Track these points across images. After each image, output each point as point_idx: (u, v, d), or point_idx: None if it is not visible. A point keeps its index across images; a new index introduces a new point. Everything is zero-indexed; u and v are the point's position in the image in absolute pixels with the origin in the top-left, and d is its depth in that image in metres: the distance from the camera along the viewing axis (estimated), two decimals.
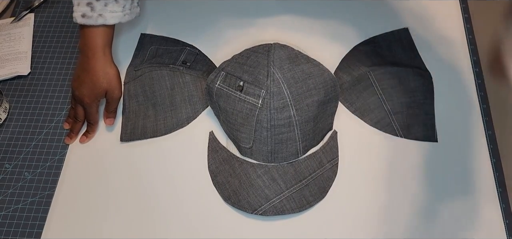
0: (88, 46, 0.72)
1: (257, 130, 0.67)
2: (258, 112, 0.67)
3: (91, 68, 0.72)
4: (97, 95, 0.73)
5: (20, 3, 0.93)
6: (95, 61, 0.72)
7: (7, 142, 0.76)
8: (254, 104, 0.67)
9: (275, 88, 0.67)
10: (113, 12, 0.71)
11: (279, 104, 0.66)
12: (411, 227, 0.66)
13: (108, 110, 0.75)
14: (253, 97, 0.67)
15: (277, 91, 0.67)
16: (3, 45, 0.86)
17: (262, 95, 0.67)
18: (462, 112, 0.75)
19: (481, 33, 0.84)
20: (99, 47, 0.72)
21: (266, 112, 0.66)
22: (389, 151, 0.72)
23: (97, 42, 0.72)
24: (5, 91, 0.81)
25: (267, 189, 0.67)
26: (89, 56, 0.72)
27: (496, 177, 0.69)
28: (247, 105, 0.68)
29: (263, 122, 0.67)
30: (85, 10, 0.70)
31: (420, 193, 0.68)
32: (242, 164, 0.69)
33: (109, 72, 0.73)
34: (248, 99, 0.68)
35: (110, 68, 0.74)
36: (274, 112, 0.66)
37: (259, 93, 0.67)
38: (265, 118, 0.67)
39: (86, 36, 0.72)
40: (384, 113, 0.74)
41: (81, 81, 0.73)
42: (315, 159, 0.70)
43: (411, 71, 0.76)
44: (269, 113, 0.66)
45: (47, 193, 0.71)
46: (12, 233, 0.68)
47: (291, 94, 0.67)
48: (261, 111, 0.67)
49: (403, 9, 0.86)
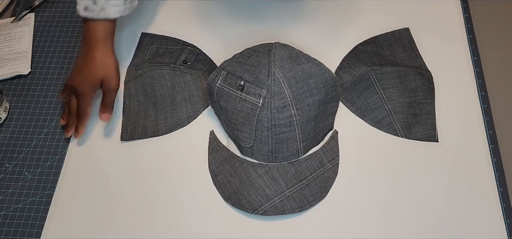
0: (89, 38, 0.73)
1: (258, 129, 0.67)
2: (259, 112, 0.67)
3: (90, 57, 0.72)
4: (92, 83, 0.72)
5: (21, 3, 0.93)
6: (94, 51, 0.72)
7: (7, 141, 0.76)
8: (255, 103, 0.67)
9: (276, 87, 0.67)
10: (115, 6, 0.72)
11: (280, 104, 0.66)
12: (412, 227, 0.66)
13: (104, 103, 0.74)
14: (254, 96, 0.67)
15: (278, 91, 0.66)
16: (3, 45, 0.86)
17: (263, 94, 0.67)
18: (463, 112, 0.75)
19: (481, 33, 0.84)
20: (100, 38, 0.72)
21: (267, 112, 0.66)
22: (389, 151, 0.72)
23: (98, 33, 0.72)
24: (5, 91, 0.81)
25: (267, 189, 0.67)
26: (90, 46, 0.73)
27: (497, 177, 0.69)
28: (248, 104, 0.68)
29: (264, 121, 0.67)
30: (88, 4, 0.71)
31: (421, 193, 0.68)
32: (243, 163, 0.69)
33: (107, 62, 0.73)
34: (249, 98, 0.67)
35: (109, 58, 0.74)
36: (275, 112, 0.66)
37: (260, 93, 0.67)
38: (265, 117, 0.67)
39: (88, 28, 0.73)
40: (385, 113, 0.74)
41: (78, 71, 0.73)
42: (315, 158, 0.70)
43: (412, 71, 0.76)
44: (270, 113, 0.66)
45: (47, 193, 0.71)
46: (12, 233, 0.68)
47: (292, 94, 0.67)
48: (262, 111, 0.67)
49: (404, 9, 0.86)
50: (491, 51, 0.82)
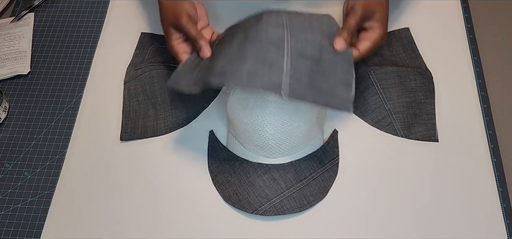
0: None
1: (240, 42, 0.59)
2: (248, 25, 0.62)
3: (159, 5, 0.70)
4: (167, 33, 0.69)
5: (20, 3, 0.93)
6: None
7: (6, 141, 0.76)
8: (248, 20, 0.63)
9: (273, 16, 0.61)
10: None
11: (273, 22, 0.59)
12: (412, 227, 0.66)
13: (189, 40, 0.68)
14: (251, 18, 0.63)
15: (275, 15, 0.61)
16: (3, 45, 0.86)
17: (259, 16, 0.62)
18: (463, 112, 0.75)
19: (482, 33, 0.84)
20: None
21: (256, 26, 0.60)
22: (389, 151, 0.72)
23: None
24: (5, 90, 0.81)
25: (267, 189, 0.67)
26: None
27: (497, 177, 0.69)
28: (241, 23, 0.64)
29: (251, 34, 0.58)
30: None
31: (421, 193, 0.68)
32: (242, 163, 0.69)
33: (169, 3, 0.68)
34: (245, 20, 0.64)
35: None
36: (265, 26, 0.59)
37: (256, 16, 0.63)
38: (253, 31, 0.59)
39: None
40: (385, 113, 0.74)
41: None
42: (315, 158, 0.70)
43: (412, 71, 0.76)
44: (259, 26, 0.59)
45: (47, 192, 0.71)
46: (11, 233, 0.68)
47: (290, 22, 0.60)
48: (252, 24, 0.61)
49: (404, 8, 0.86)
50: (491, 51, 0.82)
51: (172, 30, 0.68)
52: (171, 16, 0.67)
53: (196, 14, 0.70)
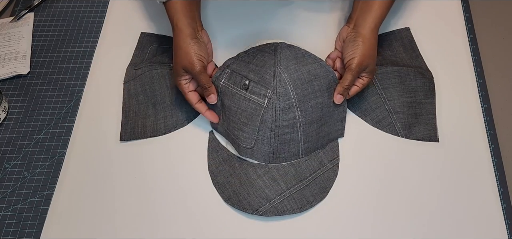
0: (170, 22, 0.71)
1: (261, 130, 0.67)
2: (263, 112, 0.67)
3: (173, 48, 0.71)
4: (178, 75, 0.70)
5: (20, 3, 0.92)
6: (173, 40, 0.71)
7: (6, 141, 0.76)
8: (259, 104, 0.67)
9: (281, 89, 0.66)
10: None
11: (285, 105, 0.66)
12: (412, 227, 0.65)
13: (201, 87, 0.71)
14: (259, 96, 0.67)
15: (283, 92, 0.66)
16: (2, 45, 0.86)
17: (268, 95, 0.67)
18: (464, 112, 0.74)
19: (482, 33, 0.84)
20: (174, 22, 0.70)
21: (272, 113, 0.66)
22: (390, 151, 0.71)
23: (171, 16, 0.71)
24: (4, 90, 0.81)
25: (267, 189, 0.67)
26: (173, 34, 0.71)
27: (498, 177, 0.69)
28: (252, 104, 0.67)
29: (268, 122, 0.66)
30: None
31: (421, 193, 0.68)
32: (243, 164, 0.69)
33: (184, 49, 0.69)
34: (254, 98, 0.67)
35: (185, 43, 0.69)
36: (280, 113, 0.66)
37: (265, 93, 0.67)
38: (270, 118, 0.66)
39: (167, 12, 0.72)
40: (385, 113, 0.74)
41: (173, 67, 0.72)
42: (316, 158, 0.70)
43: (412, 70, 0.76)
44: (274, 114, 0.66)
45: (46, 193, 0.71)
46: (11, 233, 0.68)
47: (297, 96, 0.67)
48: (266, 112, 0.66)
49: (405, 8, 0.86)
50: (492, 51, 0.82)
51: (183, 71, 0.70)
52: (186, 62, 0.69)
53: (207, 55, 0.72)
